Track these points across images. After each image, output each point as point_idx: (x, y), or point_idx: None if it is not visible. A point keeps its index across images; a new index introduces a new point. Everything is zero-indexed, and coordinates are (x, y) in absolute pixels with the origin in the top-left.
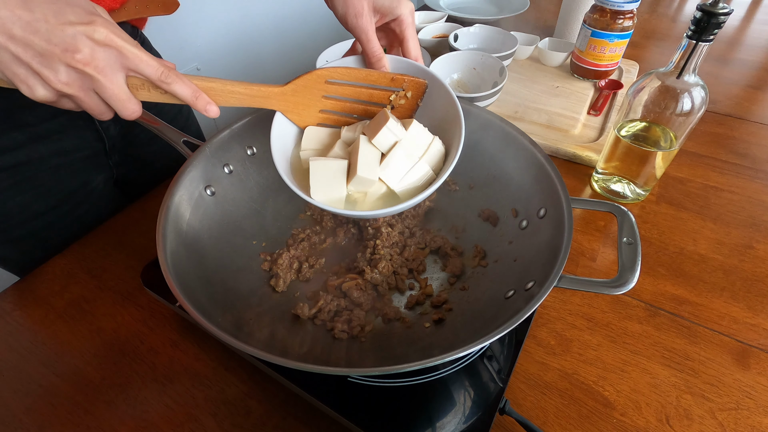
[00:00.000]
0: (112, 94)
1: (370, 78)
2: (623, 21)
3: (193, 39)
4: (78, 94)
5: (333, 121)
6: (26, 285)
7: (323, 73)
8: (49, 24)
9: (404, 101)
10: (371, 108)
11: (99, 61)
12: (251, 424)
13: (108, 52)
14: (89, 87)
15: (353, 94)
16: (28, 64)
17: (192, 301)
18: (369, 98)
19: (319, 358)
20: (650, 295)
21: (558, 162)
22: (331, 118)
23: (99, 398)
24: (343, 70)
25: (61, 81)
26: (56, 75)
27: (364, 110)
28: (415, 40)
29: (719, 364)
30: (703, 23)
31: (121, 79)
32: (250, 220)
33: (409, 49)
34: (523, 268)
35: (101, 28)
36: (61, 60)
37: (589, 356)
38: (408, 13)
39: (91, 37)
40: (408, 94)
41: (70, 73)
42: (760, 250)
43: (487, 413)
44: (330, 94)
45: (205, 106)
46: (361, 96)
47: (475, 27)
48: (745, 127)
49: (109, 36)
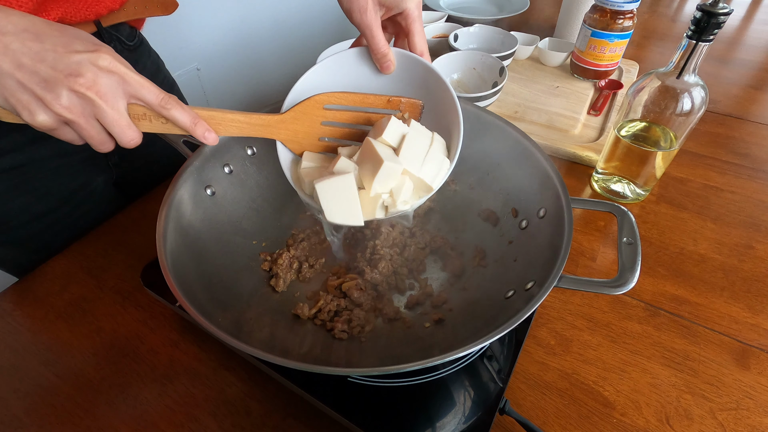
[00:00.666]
0: (112, 119)
1: (367, 101)
2: (623, 21)
3: (193, 39)
4: (79, 120)
5: (333, 150)
6: (26, 285)
7: (321, 98)
8: (57, 53)
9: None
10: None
11: (101, 86)
12: (251, 424)
13: (111, 78)
14: (90, 113)
15: (351, 119)
16: (31, 90)
17: (192, 301)
18: (367, 122)
19: (319, 358)
20: (650, 295)
21: (558, 162)
22: (330, 146)
23: (99, 398)
24: (339, 95)
25: (62, 105)
26: (58, 99)
27: (362, 136)
28: (422, 34)
29: (719, 364)
30: (703, 23)
31: (122, 105)
32: (250, 220)
33: (414, 43)
34: (523, 268)
35: (106, 55)
36: (64, 84)
37: (589, 356)
38: (414, 7)
39: (95, 63)
40: (405, 116)
41: (72, 98)
42: (760, 250)
43: (487, 413)
44: (328, 120)
45: (203, 133)
46: (358, 120)
47: (475, 27)
48: (745, 127)
49: (113, 63)
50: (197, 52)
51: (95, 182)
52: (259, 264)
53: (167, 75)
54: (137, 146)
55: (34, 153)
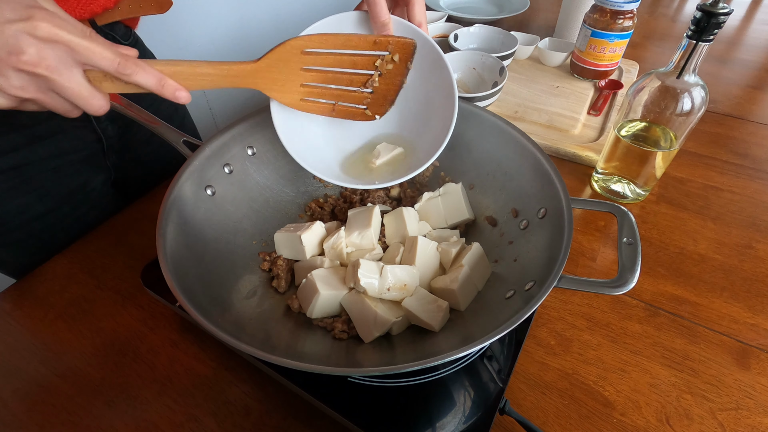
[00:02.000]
0: (71, 92)
1: (350, 43)
2: (623, 21)
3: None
4: (37, 97)
5: (317, 94)
6: (26, 285)
7: (298, 43)
8: None
9: (392, 66)
10: (356, 77)
11: (49, 60)
12: (251, 424)
13: (56, 48)
14: (46, 88)
15: (334, 63)
16: None
17: (192, 301)
18: (352, 66)
19: (319, 358)
20: (650, 295)
21: (558, 162)
22: (314, 91)
23: (99, 398)
24: (318, 38)
25: (14, 86)
26: (8, 81)
27: (348, 80)
28: (421, 4)
29: (719, 364)
30: (703, 23)
31: (78, 75)
32: (250, 220)
33: (414, 13)
34: (523, 268)
35: (42, 23)
36: (8, 64)
37: (589, 356)
38: None
39: (33, 34)
40: (395, 57)
41: (22, 77)
42: (760, 250)
43: (487, 413)
44: (309, 65)
45: (173, 92)
46: (343, 64)
47: (475, 27)
48: (745, 127)
49: (52, 31)
50: (197, 52)
51: (94, 182)
52: (259, 264)
53: None
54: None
55: (32, 153)
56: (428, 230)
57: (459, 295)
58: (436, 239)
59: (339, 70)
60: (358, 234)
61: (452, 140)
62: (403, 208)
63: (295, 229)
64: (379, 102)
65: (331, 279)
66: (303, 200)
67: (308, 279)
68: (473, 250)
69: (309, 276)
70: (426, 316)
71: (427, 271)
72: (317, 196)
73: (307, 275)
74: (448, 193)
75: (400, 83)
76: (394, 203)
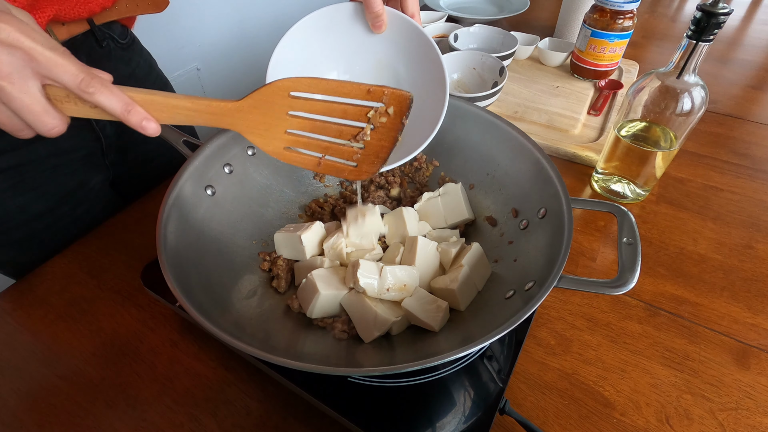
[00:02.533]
0: (22, 105)
1: (342, 90)
2: (623, 21)
3: (193, 39)
4: None
5: (303, 144)
6: (26, 285)
7: (285, 84)
8: None
9: (385, 119)
10: (345, 128)
11: (2, 65)
12: (251, 424)
13: (13, 54)
14: None
15: (324, 111)
16: None
17: (192, 301)
18: (343, 115)
19: (319, 359)
20: (650, 295)
21: (558, 162)
22: (300, 140)
23: (99, 398)
24: (308, 81)
25: None
26: None
27: (337, 131)
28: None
29: (719, 364)
30: (703, 23)
31: (34, 87)
32: (250, 220)
33: (407, 4)
34: (523, 268)
35: (5, 25)
36: None
37: (589, 356)
38: None
39: None
40: (389, 110)
41: None
42: (760, 250)
43: (487, 413)
44: (296, 110)
45: (140, 122)
46: (333, 112)
47: (475, 27)
48: (745, 127)
49: (13, 35)
50: (197, 51)
51: (93, 181)
52: (259, 264)
53: (160, 74)
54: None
55: (31, 152)
56: (428, 230)
57: (459, 295)
58: (436, 239)
59: (328, 120)
60: (357, 234)
61: (452, 140)
62: (403, 208)
63: (295, 229)
64: (369, 159)
65: (331, 279)
66: (303, 200)
67: (308, 279)
68: (473, 250)
69: (309, 276)
70: (426, 317)
71: (426, 271)
72: (317, 196)
73: (307, 275)
74: (448, 193)
75: (394, 140)
76: (394, 203)
